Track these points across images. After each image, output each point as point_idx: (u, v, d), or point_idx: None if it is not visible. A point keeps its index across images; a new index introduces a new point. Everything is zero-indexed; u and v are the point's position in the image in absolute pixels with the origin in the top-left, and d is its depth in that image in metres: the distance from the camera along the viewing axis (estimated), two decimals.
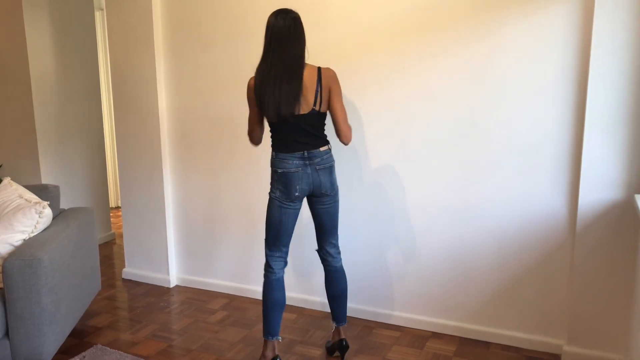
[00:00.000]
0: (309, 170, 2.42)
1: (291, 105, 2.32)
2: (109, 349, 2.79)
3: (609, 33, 2.29)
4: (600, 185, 2.41)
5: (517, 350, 2.74)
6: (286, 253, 2.56)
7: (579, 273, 2.52)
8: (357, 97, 2.94)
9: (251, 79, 2.41)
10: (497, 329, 2.82)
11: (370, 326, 3.04)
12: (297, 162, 2.40)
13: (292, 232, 2.53)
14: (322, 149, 2.44)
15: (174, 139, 3.60)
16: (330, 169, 2.48)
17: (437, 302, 2.94)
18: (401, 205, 2.94)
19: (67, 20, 4.27)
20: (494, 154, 2.68)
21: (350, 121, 2.98)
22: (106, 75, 5.91)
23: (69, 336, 2.97)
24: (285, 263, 2.56)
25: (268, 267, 2.53)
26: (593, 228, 2.46)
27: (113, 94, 3.71)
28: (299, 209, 2.51)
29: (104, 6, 5.67)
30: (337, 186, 2.53)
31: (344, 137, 2.46)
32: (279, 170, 2.42)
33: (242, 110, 3.30)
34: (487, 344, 2.81)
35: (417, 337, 2.90)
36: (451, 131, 2.75)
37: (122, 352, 2.75)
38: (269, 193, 2.49)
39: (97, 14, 5.71)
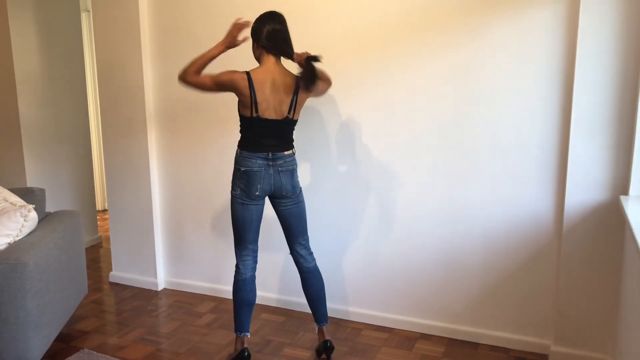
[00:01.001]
0: (271, 171, 2.46)
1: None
2: (96, 353, 2.77)
3: (594, 36, 2.32)
4: (586, 186, 2.43)
5: (505, 350, 2.75)
6: (254, 251, 2.59)
7: (565, 273, 2.54)
8: (344, 99, 2.94)
9: (242, 73, 2.39)
10: (485, 329, 2.83)
11: (358, 328, 3.04)
12: (261, 162, 2.44)
13: (257, 230, 2.57)
14: (286, 152, 2.49)
15: (161, 141, 3.58)
16: (292, 172, 2.53)
17: (425, 303, 2.95)
18: (389, 207, 2.94)
19: (52, 22, 4.23)
20: (481, 155, 2.69)
21: (339, 123, 2.99)
22: (93, 78, 5.87)
23: (56, 340, 2.93)
24: (255, 262, 2.60)
25: (236, 266, 2.59)
26: (579, 229, 2.48)
27: (100, 96, 3.68)
28: (262, 206, 2.54)
29: (90, 8, 5.63)
30: (299, 188, 2.59)
31: (324, 83, 2.49)
32: (242, 169, 2.45)
33: (231, 113, 3.29)
34: (475, 345, 2.82)
35: (406, 339, 2.91)
36: (438, 133, 2.76)
37: (109, 356, 2.73)
38: (231, 191, 2.52)
39: (84, 16, 5.66)
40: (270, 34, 2.41)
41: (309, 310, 3.26)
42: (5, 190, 2.81)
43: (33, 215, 2.63)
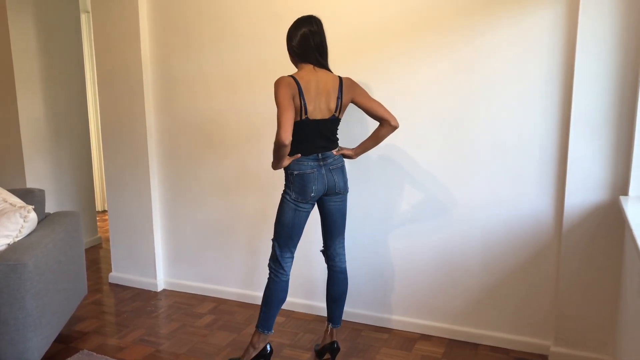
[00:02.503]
0: (323, 170, 2.47)
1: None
2: (95, 354, 2.76)
3: (594, 37, 2.32)
4: (585, 186, 2.43)
5: (505, 351, 2.75)
6: (294, 253, 2.60)
7: (565, 274, 2.54)
8: None
9: (288, 77, 2.36)
10: (485, 330, 2.83)
11: (358, 329, 3.04)
12: (312, 163, 2.45)
13: (301, 234, 2.58)
14: (334, 151, 2.51)
15: (161, 142, 3.58)
16: (342, 168, 2.55)
17: (425, 304, 2.95)
18: (388, 207, 2.94)
19: (52, 23, 4.23)
20: (481, 156, 2.69)
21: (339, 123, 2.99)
22: (93, 79, 5.87)
23: (55, 342, 2.93)
24: (292, 263, 2.62)
25: (279, 267, 2.55)
26: (579, 229, 2.48)
27: (99, 97, 3.68)
28: (311, 211, 2.54)
29: (89, 9, 5.63)
30: (348, 185, 2.60)
31: (393, 120, 2.44)
32: (295, 172, 2.45)
33: (230, 114, 3.29)
34: (475, 346, 2.82)
35: (406, 339, 2.90)
36: (438, 134, 2.76)
37: (109, 357, 2.73)
38: (284, 195, 2.51)
39: (83, 17, 5.66)
40: (301, 39, 2.41)
41: (308, 311, 3.26)
42: (4, 191, 2.81)
43: (32, 216, 2.63)
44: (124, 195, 3.71)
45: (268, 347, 2.62)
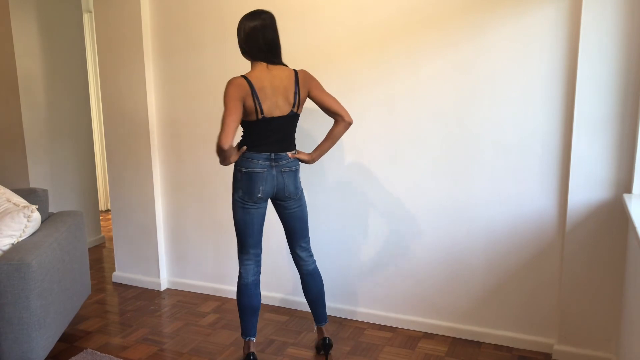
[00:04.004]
0: (274, 172, 2.42)
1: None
2: (99, 353, 2.77)
3: (597, 35, 2.31)
4: (589, 184, 2.43)
5: (508, 349, 2.75)
6: (256, 255, 2.55)
7: (568, 272, 2.54)
8: (346, 99, 2.94)
9: (239, 78, 2.33)
10: (488, 328, 2.83)
11: (362, 327, 3.04)
12: (263, 162, 2.40)
13: (259, 234, 2.52)
14: (289, 153, 2.45)
15: (163, 141, 3.59)
16: (295, 172, 2.49)
17: (428, 302, 2.95)
18: (392, 207, 2.94)
19: (54, 23, 4.24)
20: (483, 154, 2.69)
21: None
22: (95, 78, 5.88)
23: (59, 341, 2.94)
24: (257, 266, 2.56)
25: (240, 270, 2.56)
26: (582, 227, 2.47)
27: (102, 97, 3.68)
28: (264, 210, 2.49)
29: (92, 8, 5.63)
30: (301, 189, 2.55)
31: (347, 116, 2.41)
32: (244, 170, 2.41)
33: None
34: (478, 344, 2.82)
35: (409, 338, 2.90)
36: (440, 132, 2.76)
37: (112, 357, 2.73)
38: (232, 194, 2.48)
39: (86, 16, 5.67)
40: (248, 35, 2.35)
41: None
42: (8, 191, 2.81)
43: (36, 216, 2.63)
44: (127, 195, 3.71)
45: (251, 356, 2.55)
